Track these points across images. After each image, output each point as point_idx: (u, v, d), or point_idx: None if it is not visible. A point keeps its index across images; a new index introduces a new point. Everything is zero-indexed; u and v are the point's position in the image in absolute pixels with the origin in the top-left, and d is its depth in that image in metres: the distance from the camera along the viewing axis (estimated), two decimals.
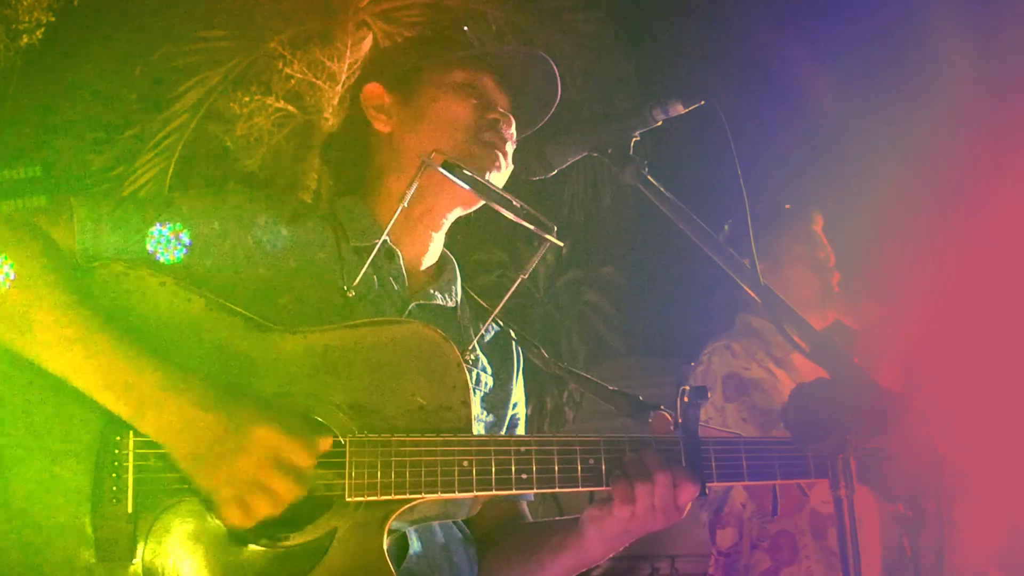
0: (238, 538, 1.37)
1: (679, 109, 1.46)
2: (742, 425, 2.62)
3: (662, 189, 1.46)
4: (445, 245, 1.84)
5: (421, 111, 1.73)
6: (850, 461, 1.24)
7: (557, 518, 1.70)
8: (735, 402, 2.66)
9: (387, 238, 1.65)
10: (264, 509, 1.34)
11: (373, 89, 1.77)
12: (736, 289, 2.99)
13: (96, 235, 1.48)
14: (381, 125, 1.75)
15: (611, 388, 1.73)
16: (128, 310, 1.43)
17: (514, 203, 1.64)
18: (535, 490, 1.47)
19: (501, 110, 1.74)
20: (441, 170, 1.60)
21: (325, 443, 1.38)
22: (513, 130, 1.75)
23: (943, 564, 1.21)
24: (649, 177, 1.47)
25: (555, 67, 1.78)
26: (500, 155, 1.71)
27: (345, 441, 1.41)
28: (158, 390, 1.35)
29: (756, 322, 2.91)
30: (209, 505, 1.36)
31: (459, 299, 1.80)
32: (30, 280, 1.39)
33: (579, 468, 1.46)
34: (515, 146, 1.74)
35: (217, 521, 1.38)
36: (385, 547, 1.40)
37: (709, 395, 1.49)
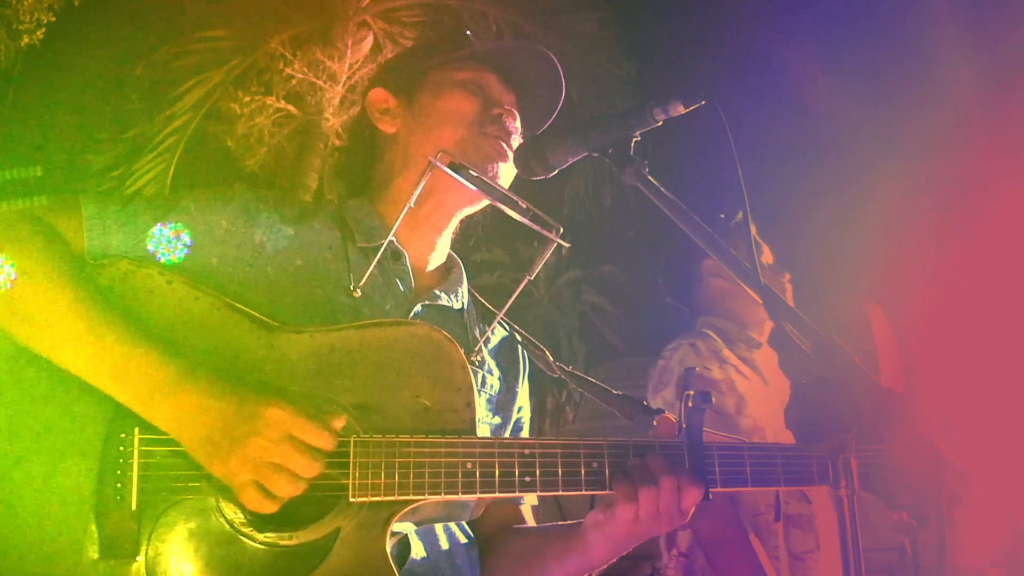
0: (243, 536, 1.38)
1: (679, 109, 1.46)
2: None
3: (662, 189, 1.46)
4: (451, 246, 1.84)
5: (425, 109, 1.74)
6: (851, 461, 1.24)
7: (560, 523, 1.70)
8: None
9: (393, 239, 1.65)
10: (284, 489, 1.33)
11: (378, 94, 1.78)
12: (692, 293, 2.99)
13: (104, 233, 1.49)
14: (386, 126, 1.76)
15: (615, 392, 1.73)
16: (135, 308, 1.44)
17: (520, 204, 1.64)
18: (538, 492, 1.47)
19: (505, 105, 1.74)
20: (447, 170, 1.60)
21: (339, 421, 1.38)
22: (517, 123, 1.75)
23: (943, 564, 1.21)
24: (649, 177, 1.47)
25: (558, 63, 1.78)
26: (505, 146, 1.71)
27: (349, 441, 1.41)
28: (169, 381, 1.35)
29: (719, 322, 2.91)
30: (228, 494, 1.36)
31: (465, 301, 1.80)
32: (40, 275, 1.40)
33: (583, 471, 1.46)
34: (520, 141, 1.74)
35: (221, 519, 1.38)
36: (388, 548, 1.40)
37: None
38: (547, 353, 1.80)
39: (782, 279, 2.92)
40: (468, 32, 1.86)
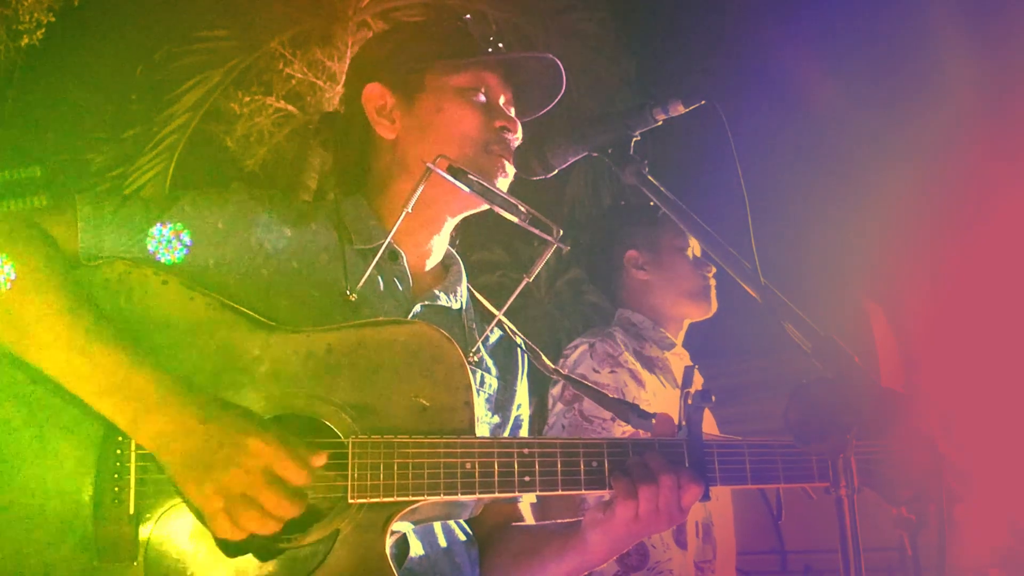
0: (240, 541, 1.37)
1: (679, 109, 1.46)
2: (560, 432, 2.57)
3: (662, 189, 1.46)
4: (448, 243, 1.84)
5: (426, 120, 1.71)
6: (851, 460, 1.24)
7: (558, 520, 1.70)
8: (567, 405, 2.60)
9: (390, 240, 1.64)
10: (252, 524, 1.31)
11: (373, 90, 1.74)
12: (613, 284, 2.97)
13: (99, 233, 1.48)
14: (385, 131, 1.73)
15: (611, 396, 1.73)
16: (130, 309, 1.43)
17: (520, 207, 1.64)
18: (538, 492, 1.47)
19: (507, 115, 1.73)
20: (446, 176, 1.60)
21: (319, 459, 1.36)
22: (519, 135, 1.74)
23: (944, 564, 1.21)
24: (649, 177, 1.48)
25: (560, 65, 1.77)
26: (506, 163, 1.70)
27: (348, 442, 1.41)
28: (154, 399, 1.34)
29: (635, 317, 2.88)
30: (200, 516, 1.36)
31: (464, 300, 1.79)
32: (29, 283, 1.39)
33: (582, 470, 1.46)
34: (520, 142, 1.74)
35: None
36: (387, 549, 1.40)
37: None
38: (543, 356, 1.79)
39: (706, 273, 2.89)
40: (467, 16, 1.83)
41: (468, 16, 1.83)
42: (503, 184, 1.70)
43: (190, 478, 1.33)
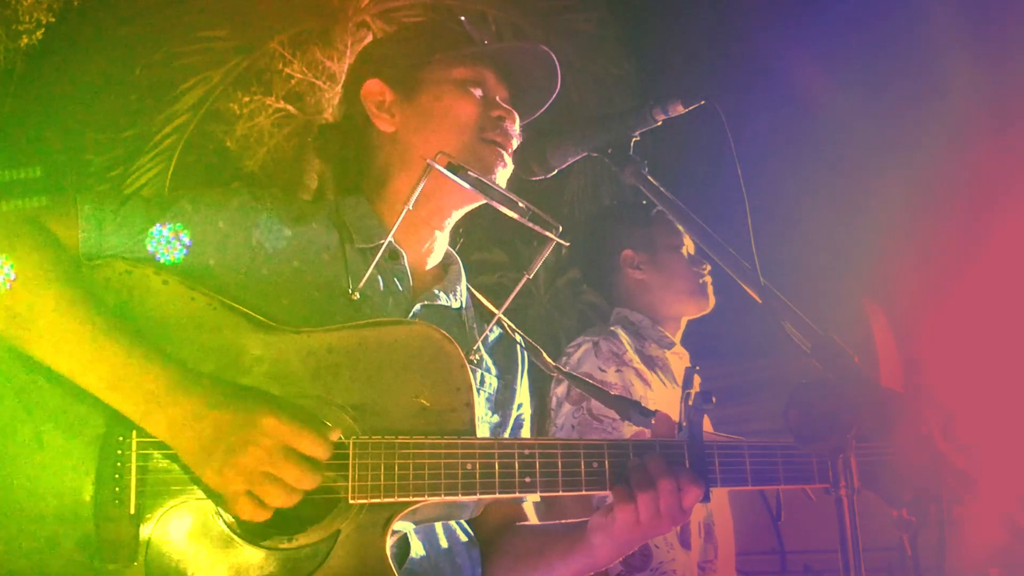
0: (242, 539, 1.37)
1: (679, 109, 1.47)
2: (570, 432, 2.58)
3: (662, 189, 1.46)
4: (448, 243, 1.84)
5: (425, 110, 1.72)
6: (851, 461, 1.24)
7: (563, 521, 1.70)
8: (575, 405, 2.61)
9: (391, 239, 1.65)
10: (276, 499, 1.33)
11: (373, 86, 1.76)
12: (610, 284, 2.96)
13: (100, 233, 1.48)
14: (384, 125, 1.75)
15: (612, 394, 1.74)
16: (131, 308, 1.43)
17: (519, 204, 1.64)
18: (538, 493, 1.47)
19: (505, 106, 1.74)
20: (446, 172, 1.60)
21: (335, 433, 1.38)
22: (517, 126, 1.75)
23: (943, 564, 1.21)
24: (649, 177, 1.48)
25: (554, 57, 1.78)
26: (504, 153, 1.71)
27: (349, 442, 1.41)
28: (165, 389, 1.35)
29: (634, 316, 2.88)
30: (221, 502, 1.37)
31: (464, 300, 1.80)
32: (35, 278, 1.39)
33: (583, 471, 1.46)
34: (520, 140, 1.74)
35: (220, 522, 1.38)
36: (388, 549, 1.40)
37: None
38: (543, 353, 1.80)
39: (702, 271, 2.89)
40: (462, 18, 1.84)
41: (463, 18, 1.84)
42: (502, 176, 1.70)
43: (208, 464, 1.34)
